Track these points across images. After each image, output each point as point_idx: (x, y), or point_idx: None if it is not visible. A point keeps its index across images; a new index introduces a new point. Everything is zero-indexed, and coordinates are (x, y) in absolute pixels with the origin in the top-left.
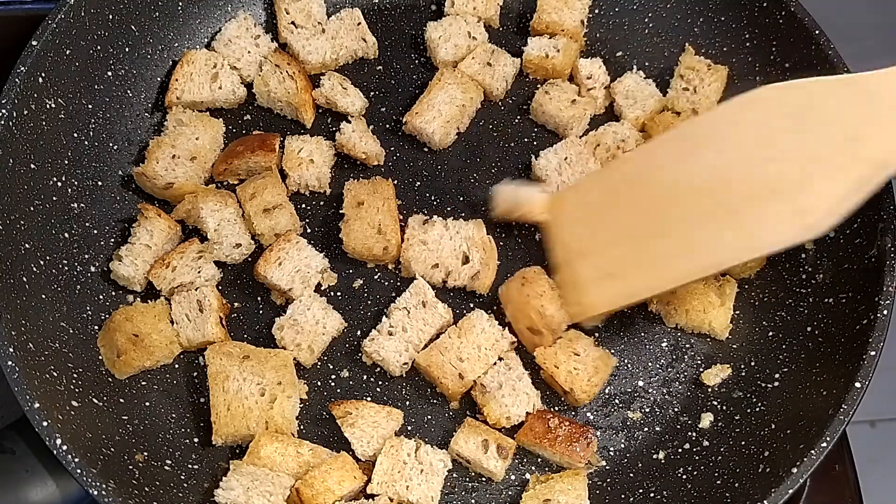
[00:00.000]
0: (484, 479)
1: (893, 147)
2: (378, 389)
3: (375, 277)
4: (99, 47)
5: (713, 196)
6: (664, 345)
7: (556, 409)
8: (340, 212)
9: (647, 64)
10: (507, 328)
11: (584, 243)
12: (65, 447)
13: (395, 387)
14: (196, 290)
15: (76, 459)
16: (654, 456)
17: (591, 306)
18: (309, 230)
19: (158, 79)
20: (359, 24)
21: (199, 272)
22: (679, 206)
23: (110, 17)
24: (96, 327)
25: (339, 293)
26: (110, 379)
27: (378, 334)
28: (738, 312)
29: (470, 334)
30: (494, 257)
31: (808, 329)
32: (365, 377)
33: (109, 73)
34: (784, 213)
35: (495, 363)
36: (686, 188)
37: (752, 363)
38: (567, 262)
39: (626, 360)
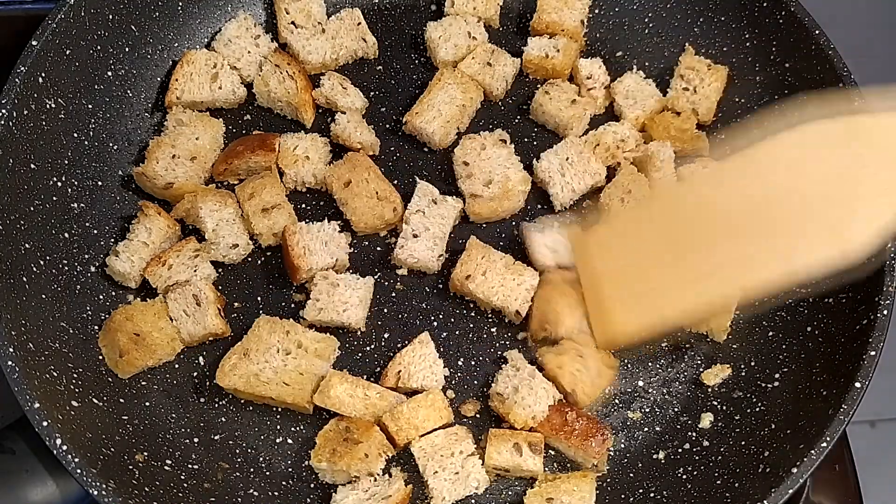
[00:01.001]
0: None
1: None
2: None
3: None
4: (99, 47)
5: (749, 216)
6: (664, 345)
7: None
8: (334, 202)
9: (647, 64)
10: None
11: (611, 266)
12: (65, 447)
13: None
14: (190, 284)
15: (76, 459)
16: (654, 456)
17: (620, 331)
18: None
19: (158, 79)
20: (359, 24)
21: (195, 271)
22: (713, 225)
23: (110, 17)
24: (96, 327)
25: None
26: (110, 379)
27: (405, 240)
28: (738, 312)
29: (499, 268)
30: (505, 207)
31: (808, 329)
32: None
33: (109, 73)
34: (822, 236)
35: (501, 367)
36: (723, 209)
37: (752, 363)
38: (594, 286)
39: (626, 360)
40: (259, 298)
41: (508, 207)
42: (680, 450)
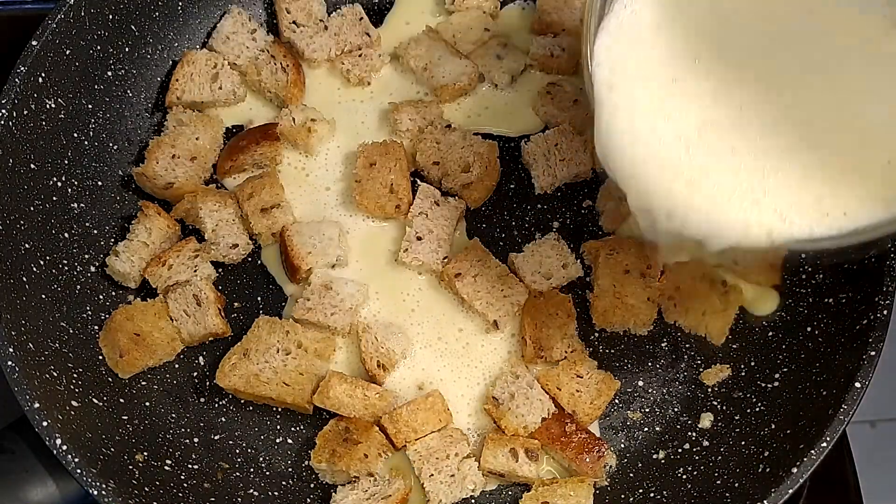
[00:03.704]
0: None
1: None
2: None
3: None
4: (99, 47)
5: None
6: (664, 345)
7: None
8: (353, 170)
9: None
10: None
11: None
12: (65, 447)
13: None
14: (190, 284)
15: (76, 459)
16: (654, 456)
17: None
18: None
19: (158, 79)
20: (360, 18)
21: (195, 271)
22: None
23: (110, 17)
24: (96, 327)
25: None
26: (110, 379)
27: (409, 243)
28: (738, 312)
29: (492, 276)
30: (493, 178)
31: (808, 329)
32: None
33: (109, 73)
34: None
35: (505, 377)
36: None
37: (752, 363)
38: None
39: (626, 360)
40: (259, 298)
41: (497, 179)
42: (680, 450)
